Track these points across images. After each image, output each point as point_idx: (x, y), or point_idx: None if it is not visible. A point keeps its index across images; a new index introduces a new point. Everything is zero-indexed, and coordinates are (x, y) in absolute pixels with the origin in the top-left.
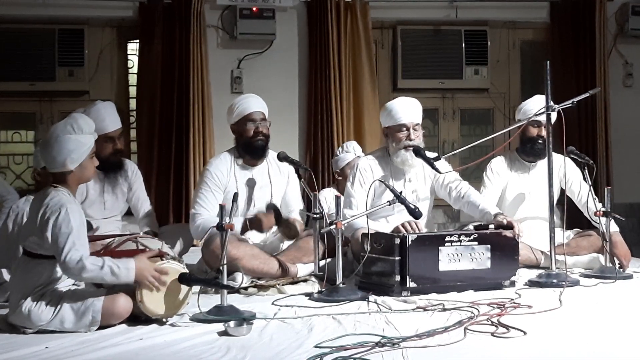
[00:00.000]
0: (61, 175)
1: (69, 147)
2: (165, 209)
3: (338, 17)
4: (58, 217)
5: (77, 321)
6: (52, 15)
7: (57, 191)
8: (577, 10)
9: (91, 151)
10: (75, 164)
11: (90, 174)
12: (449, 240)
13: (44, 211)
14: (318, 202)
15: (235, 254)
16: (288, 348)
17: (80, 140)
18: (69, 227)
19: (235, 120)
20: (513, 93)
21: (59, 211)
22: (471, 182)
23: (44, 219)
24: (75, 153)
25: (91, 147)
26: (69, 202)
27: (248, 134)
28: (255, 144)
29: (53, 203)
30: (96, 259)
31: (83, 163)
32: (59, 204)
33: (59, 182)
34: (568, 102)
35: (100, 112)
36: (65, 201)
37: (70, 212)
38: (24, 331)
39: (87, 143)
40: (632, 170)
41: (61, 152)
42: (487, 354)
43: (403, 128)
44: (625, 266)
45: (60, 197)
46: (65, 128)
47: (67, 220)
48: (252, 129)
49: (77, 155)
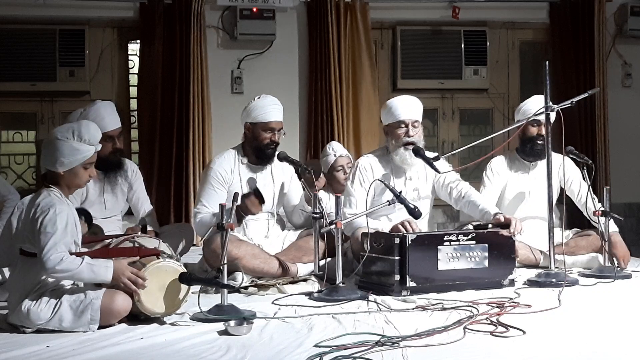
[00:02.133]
0: (53, 175)
1: (62, 151)
2: (166, 208)
3: (338, 17)
4: (45, 217)
5: (75, 320)
6: (53, 15)
7: (49, 191)
8: (576, 11)
9: (86, 161)
10: (64, 168)
11: (81, 182)
12: (447, 240)
13: (34, 211)
14: (318, 201)
15: (236, 253)
16: (288, 347)
17: (75, 147)
18: (53, 228)
19: (252, 121)
20: (512, 93)
21: (47, 211)
22: (471, 182)
23: (34, 219)
24: (67, 158)
25: (87, 157)
26: (59, 203)
27: (263, 141)
28: (267, 151)
29: (44, 203)
30: (74, 258)
31: (74, 169)
32: (49, 204)
33: (51, 183)
34: (567, 102)
35: (100, 111)
36: (56, 202)
37: (59, 213)
38: (23, 330)
39: (83, 152)
40: (630, 170)
41: (54, 153)
42: (487, 353)
43: (402, 125)
44: (623, 266)
45: (52, 197)
46: (67, 132)
47: (53, 221)
48: (268, 138)
49: (69, 160)
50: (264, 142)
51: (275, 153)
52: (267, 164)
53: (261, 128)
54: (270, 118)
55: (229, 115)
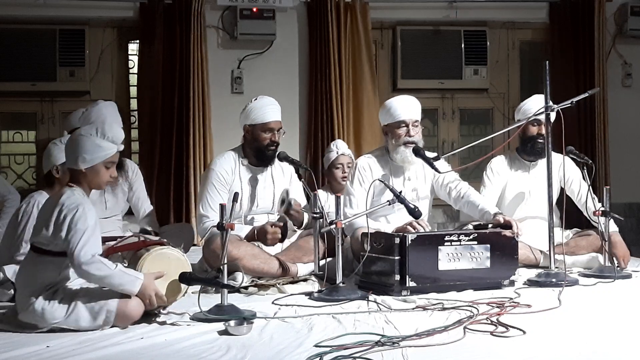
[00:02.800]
0: (75, 174)
1: (85, 147)
2: (166, 208)
3: (338, 17)
4: (75, 215)
5: (92, 320)
6: (53, 15)
7: (72, 191)
8: (576, 11)
9: (108, 159)
10: (86, 165)
11: (102, 181)
12: (448, 240)
13: (60, 209)
14: (318, 201)
15: (236, 253)
16: (288, 347)
17: (98, 143)
18: (85, 225)
19: (251, 123)
20: (512, 93)
21: (76, 209)
22: (471, 182)
23: (60, 217)
24: (89, 154)
25: (109, 155)
26: (85, 202)
27: (262, 142)
28: (267, 152)
29: (70, 202)
30: (109, 262)
31: (95, 167)
32: (76, 203)
33: (74, 182)
34: (567, 102)
35: (101, 112)
36: (82, 200)
37: (88, 211)
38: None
39: (106, 149)
40: (630, 170)
41: (76, 149)
42: (487, 353)
43: (402, 124)
44: (623, 266)
45: (77, 196)
46: (90, 129)
47: (83, 218)
48: (267, 139)
49: (91, 157)
50: (264, 143)
51: (276, 154)
52: (267, 165)
53: (260, 129)
54: (269, 118)
55: (229, 115)
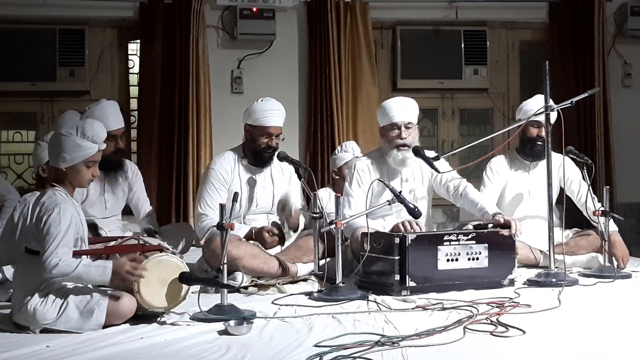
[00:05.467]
0: (58, 173)
1: (64, 146)
2: (166, 208)
3: (338, 17)
4: (50, 216)
5: (82, 320)
6: (53, 15)
7: (54, 191)
8: (576, 11)
9: (88, 158)
10: (66, 164)
11: (83, 180)
12: (447, 240)
13: (40, 209)
14: (318, 201)
15: (236, 253)
16: (288, 347)
17: (78, 143)
18: (57, 229)
19: (252, 123)
20: (512, 93)
21: (52, 210)
22: (471, 182)
23: (39, 217)
24: (69, 154)
25: (89, 155)
26: (64, 202)
27: (260, 144)
28: (264, 154)
29: (49, 202)
30: (71, 262)
31: (76, 166)
32: (54, 204)
33: (57, 181)
34: (567, 102)
35: (104, 110)
36: (60, 201)
37: (63, 212)
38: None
39: (86, 148)
40: (631, 170)
41: (57, 148)
42: (486, 353)
43: (394, 127)
44: (622, 266)
45: (57, 197)
46: (71, 128)
47: (57, 221)
48: (265, 142)
49: (70, 156)
50: (261, 145)
51: (273, 157)
52: (264, 167)
53: (259, 132)
54: (270, 123)
55: (229, 115)
